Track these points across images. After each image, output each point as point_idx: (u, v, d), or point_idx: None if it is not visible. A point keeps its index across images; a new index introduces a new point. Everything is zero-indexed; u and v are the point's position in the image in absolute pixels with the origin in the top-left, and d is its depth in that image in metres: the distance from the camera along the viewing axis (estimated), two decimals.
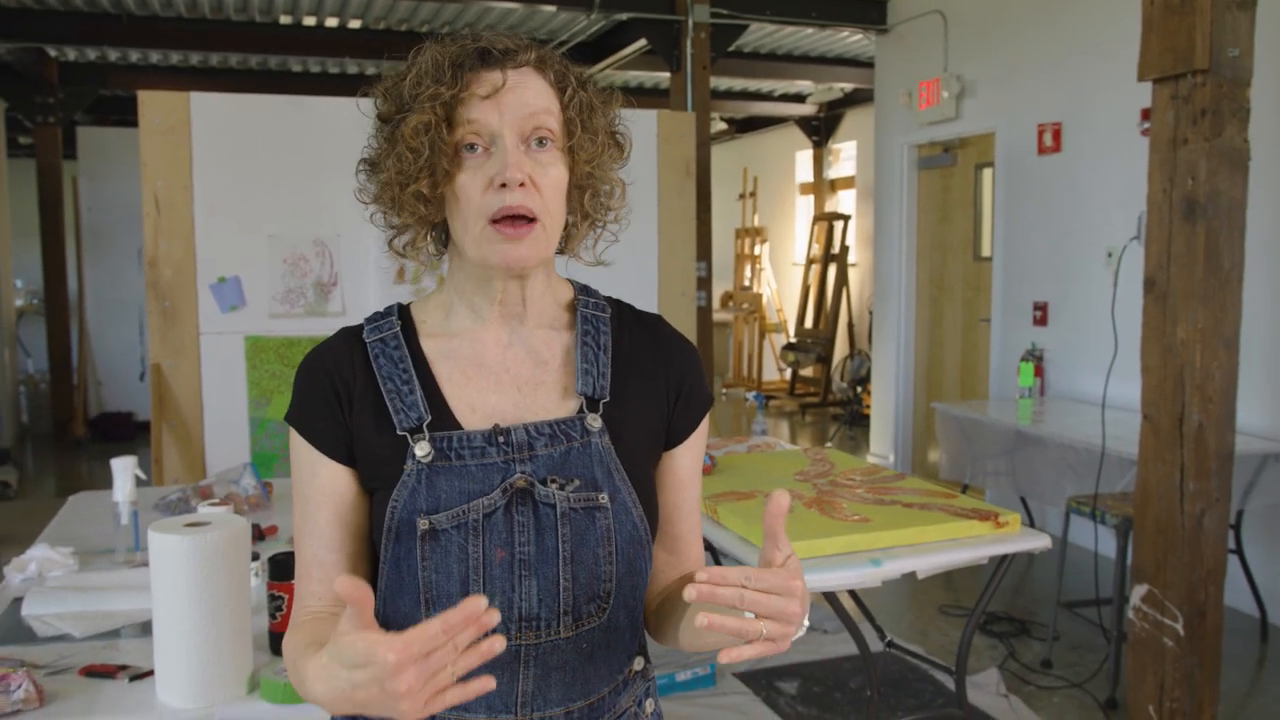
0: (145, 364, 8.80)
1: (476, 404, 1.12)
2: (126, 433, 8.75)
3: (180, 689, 1.68)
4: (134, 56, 8.46)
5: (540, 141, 1.06)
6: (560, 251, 1.17)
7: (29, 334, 9.71)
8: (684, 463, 1.20)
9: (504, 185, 1.03)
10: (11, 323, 9.06)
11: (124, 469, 2.48)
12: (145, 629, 1.97)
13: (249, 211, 4.51)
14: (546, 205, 1.06)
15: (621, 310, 1.21)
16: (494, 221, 1.05)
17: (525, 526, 1.07)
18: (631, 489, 1.12)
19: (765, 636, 0.92)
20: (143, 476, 2.53)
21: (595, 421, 1.11)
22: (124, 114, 9.77)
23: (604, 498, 1.09)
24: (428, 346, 1.14)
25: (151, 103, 4.40)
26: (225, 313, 4.52)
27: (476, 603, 0.85)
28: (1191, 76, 3.10)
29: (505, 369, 1.13)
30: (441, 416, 1.10)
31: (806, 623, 0.97)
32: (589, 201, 1.15)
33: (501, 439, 1.09)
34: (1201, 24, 3.04)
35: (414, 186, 1.04)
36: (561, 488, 1.08)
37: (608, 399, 1.13)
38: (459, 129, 1.03)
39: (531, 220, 1.05)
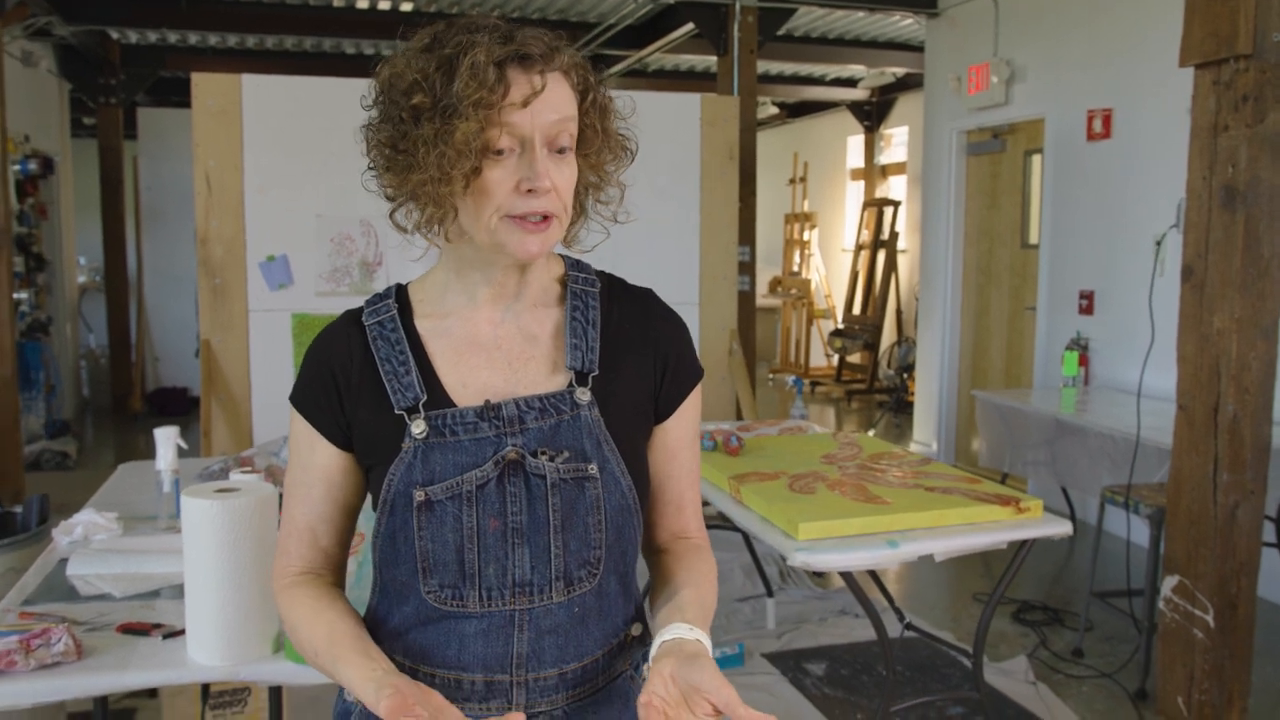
0: (199, 340, 9.01)
1: (468, 380, 1.16)
2: (181, 407, 8.98)
3: (210, 647, 1.75)
4: (192, 39, 8.64)
5: (561, 149, 1.10)
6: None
7: (90, 310, 9.97)
8: (674, 434, 1.24)
9: (531, 190, 1.08)
10: (74, 299, 9.32)
11: (166, 439, 2.58)
12: (182, 591, 2.04)
13: (297, 191, 4.60)
14: (563, 203, 1.11)
15: (612, 284, 1.25)
16: (509, 216, 1.09)
17: (517, 497, 1.12)
18: (620, 459, 1.16)
19: None
20: (184, 446, 2.62)
21: (584, 395, 1.16)
22: (182, 95, 9.97)
23: (593, 468, 1.14)
24: (422, 326, 1.19)
25: (204, 85, 4.51)
26: (273, 290, 4.63)
27: None
28: (1234, 62, 3.06)
29: (497, 346, 1.18)
30: (435, 394, 1.15)
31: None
32: (591, 200, 1.19)
33: (493, 414, 1.14)
34: (1245, 8, 3.00)
35: (450, 186, 1.07)
36: (551, 459, 1.13)
37: (596, 372, 1.17)
38: (493, 130, 1.06)
39: (548, 218, 1.10)
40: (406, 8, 7.60)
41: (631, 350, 1.21)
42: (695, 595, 1.16)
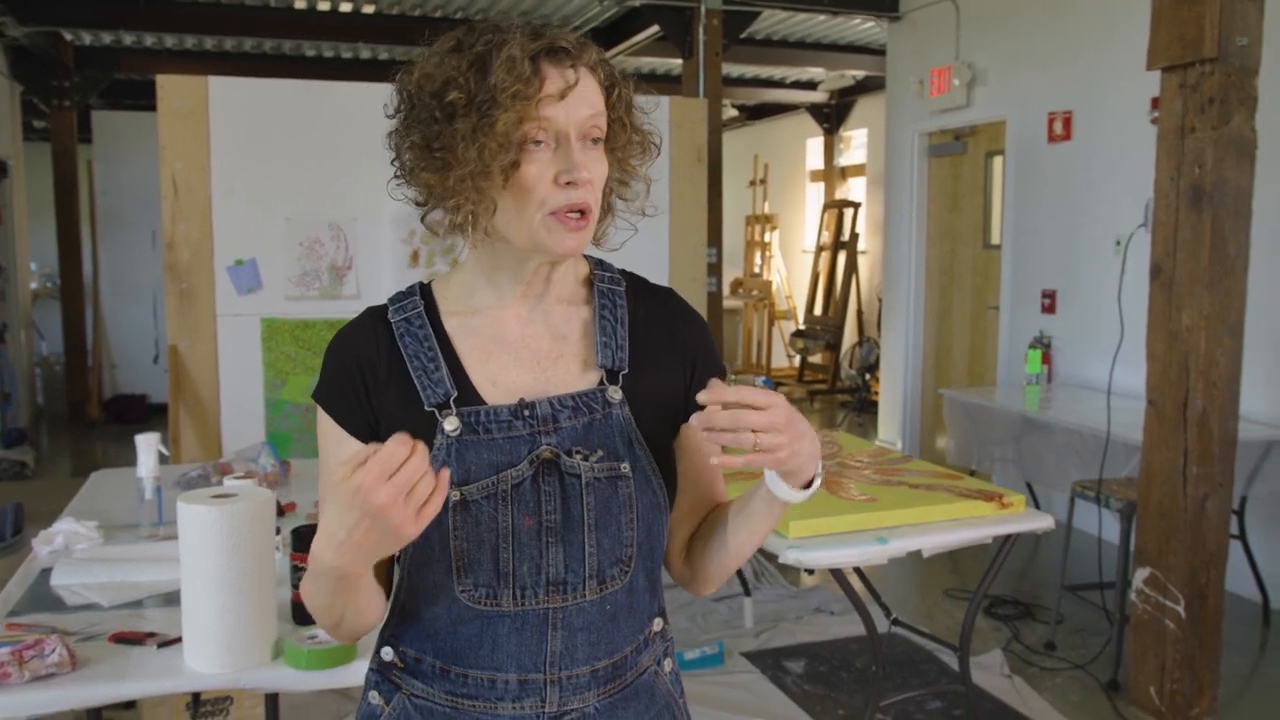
0: (159, 346, 8.87)
1: (498, 379, 1.17)
2: (140, 414, 8.83)
3: (208, 655, 1.73)
4: (149, 40, 8.51)
5: (594, 140, 1.12)
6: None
7: (44, 317, 9.79)
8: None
9: (570, 183, 1.08)
10: (27, 305, 9.14)
11: (148, 445, 2.54)
12: (168, 599, 2.03)
13: (266, 195, 4.56)
14: (596, 197, 1.13)
15: (636, 283, 1.26)
16: (552, 213, 1.10)
17: (552, 496, 1.13)
18: (651, 458, 1.17)
19: (758, 447, 1.06)
20: (165, 453, 2.58)
21: (616, 393, 1.17)
22: (138, 98, 9.83)
23: (626, 467, 1.15)
24: (449, 324, 1.19)
25: (170, 86, 4.45)
26: (242, 295, 4.57)
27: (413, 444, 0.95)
28: (1200, 65, 3.13)
29: (525, 345, 1.18)
30: (465, 392, 1.15)
31: (820, 469, 1.14)
32: (618, 196, 1.21)
33: (527, 412, 1.14)
34: (1211, 12, 3.07)
35: (489, 180, 1.08)
36: (586, 458, 1.13)
37: (626, 371, 1.18)
38: (529, 124, 1.07)
39: (585, 215, 1.11)
40: (368, 10, 7.55)
41: (659, 349, 1.22)
42: None
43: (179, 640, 1.80)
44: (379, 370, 1.16)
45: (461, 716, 1.15)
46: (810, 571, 3.56)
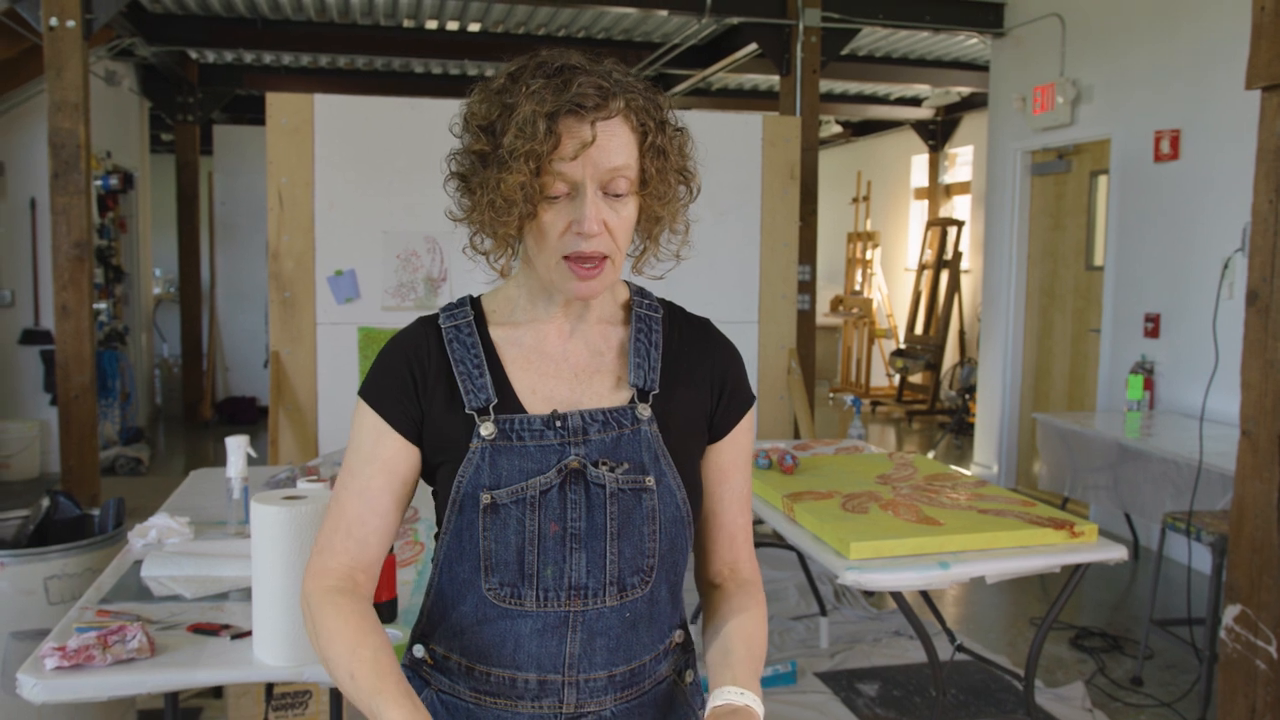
0: (269, 352, 9.23)
1: (538, 388, 1.22)
2: (250, 416, 9.19)
3: (275, 648, 1.82)
4: (267, 58, 8.88)
5: (618, 194, 1.15)
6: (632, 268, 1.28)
7: (165, 320, 10.26)
8: (727, 456, 1.29)
9: (580, 233, 1.13)
10: (149, 309, 9.60)
11: (237, 447, 2.66)
12: (249, 594, 2.13)
13: (366, 208, 4.73)
14: (617, 244, 1.17)
15: (673, 312, 1.31)
16: (565, 257, 1.15)
17: (577, 504, 1.18)
18: (676, 474, 1.21)
19: None
20: (253, 455, 2.71)
21: (645, 411, 1.22)
22: (257, 113, 10.25)
23: (650, 480, 1.19)
24: (496, 335, 1.25)
25: (278, 104, 4.65)
26: (341, 304, 4.75)
27: None
28: None
29: (565, 358, 1.24)
30: (506, 399, 1.21)
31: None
32: (656, 233, 1.24)
33: (559, 424, 1.19)
34: None
35: (504, 230, 1.15)
36: (611, 470, 1.18)
37: (657, 391, 1.23)
38: (546, 177, 1.11)
39: (603, 259, 1.15)
40: (474, 28, 7.74)
41: (690, 373, 1.26)
42: (746, 650, 1.20)
43: (250, 633, 1.90)
44: (428, 371, 1.22)
45: (484, 713, 1.21)
46: (869, 594, 3.53)
